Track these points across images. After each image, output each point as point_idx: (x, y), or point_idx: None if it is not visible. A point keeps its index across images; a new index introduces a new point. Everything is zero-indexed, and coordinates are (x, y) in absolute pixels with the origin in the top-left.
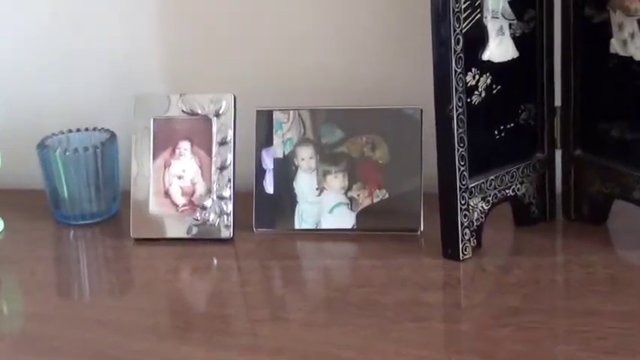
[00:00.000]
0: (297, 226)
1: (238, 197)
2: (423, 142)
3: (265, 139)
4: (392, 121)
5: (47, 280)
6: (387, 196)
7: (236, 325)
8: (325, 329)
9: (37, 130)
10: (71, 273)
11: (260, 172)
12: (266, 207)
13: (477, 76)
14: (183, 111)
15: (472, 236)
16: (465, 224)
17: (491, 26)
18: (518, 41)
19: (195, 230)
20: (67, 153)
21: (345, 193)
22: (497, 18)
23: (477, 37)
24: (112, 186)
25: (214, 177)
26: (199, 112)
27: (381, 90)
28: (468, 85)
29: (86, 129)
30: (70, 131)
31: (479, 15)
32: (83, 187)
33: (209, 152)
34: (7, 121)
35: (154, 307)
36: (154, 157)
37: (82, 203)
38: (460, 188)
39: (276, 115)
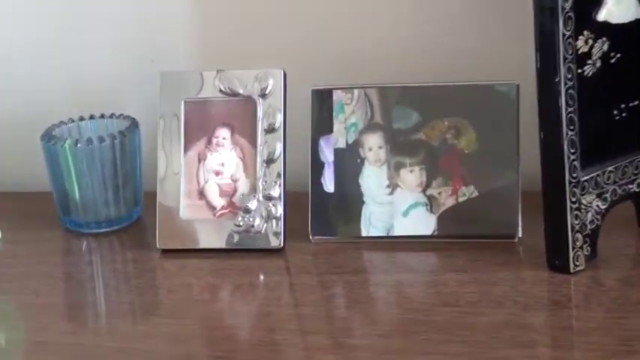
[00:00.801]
0: (363, 233)
1: (290, 197)
2: (520, 125)
3: (323, 124)
4: (481, 100)
5: (54, 302)
6: (475, 194)
7: (289, 354)
8: (402, 358)
9: (40, 118)
10: (84, 293)
11: (317, 166)
12: (325, 209)
13: (590, 41)
14: (221, 91)
15: (585, 243)
16: (577, 228)
17: None
18: None
19: (236, 238)
20: (79, 145)
21: (424, 191)
22: None
23: None
24: (134, 185)
25: (260, 172)
26: (241, 91)
27: (466, 63)
28: (580, 52)
29: (101, 115)
30: (82, 119)
31: None
32: (98, 187)
33: (253, 142)
34: (4, 107)
35: (187, 333)
36: (186, 149)
37: (97, 207)
38: (570, 182)
39: (337, 95)
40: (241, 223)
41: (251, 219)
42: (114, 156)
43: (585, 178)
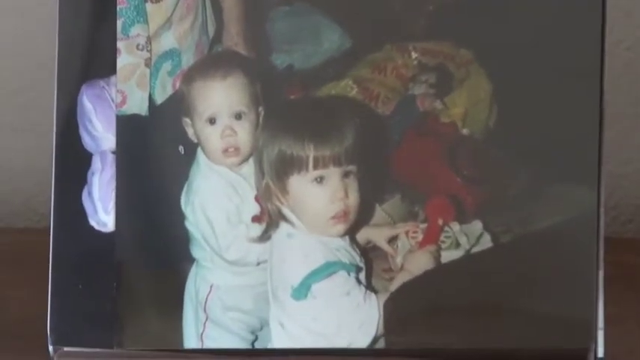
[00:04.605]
0: (189, 343)
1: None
2: (606, 63)
3: (89, 54)
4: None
5: None
6: (487, 243)
7: None
8: None
9: None
10: None
11: (70, 164)
12: (89, 281)
13: None
14: None
15: None
16: None
17: None
18: None
19: None
20: None
21: (350, 234)
22: None
23: None
24: None
25: None
26: None
27: None
28: None
29: None
30: None
31: None
32: None
33: None
34: None
35: None
36: None
37: None
38: None
39: None
40: None
41: None
42: None
43: None
